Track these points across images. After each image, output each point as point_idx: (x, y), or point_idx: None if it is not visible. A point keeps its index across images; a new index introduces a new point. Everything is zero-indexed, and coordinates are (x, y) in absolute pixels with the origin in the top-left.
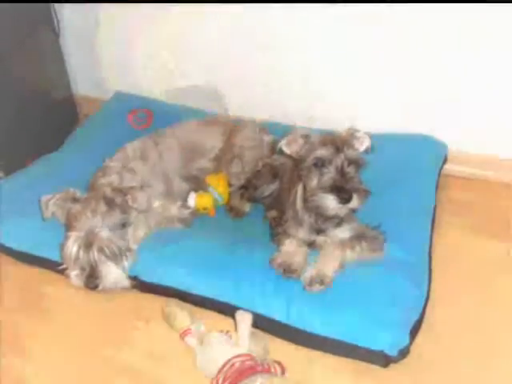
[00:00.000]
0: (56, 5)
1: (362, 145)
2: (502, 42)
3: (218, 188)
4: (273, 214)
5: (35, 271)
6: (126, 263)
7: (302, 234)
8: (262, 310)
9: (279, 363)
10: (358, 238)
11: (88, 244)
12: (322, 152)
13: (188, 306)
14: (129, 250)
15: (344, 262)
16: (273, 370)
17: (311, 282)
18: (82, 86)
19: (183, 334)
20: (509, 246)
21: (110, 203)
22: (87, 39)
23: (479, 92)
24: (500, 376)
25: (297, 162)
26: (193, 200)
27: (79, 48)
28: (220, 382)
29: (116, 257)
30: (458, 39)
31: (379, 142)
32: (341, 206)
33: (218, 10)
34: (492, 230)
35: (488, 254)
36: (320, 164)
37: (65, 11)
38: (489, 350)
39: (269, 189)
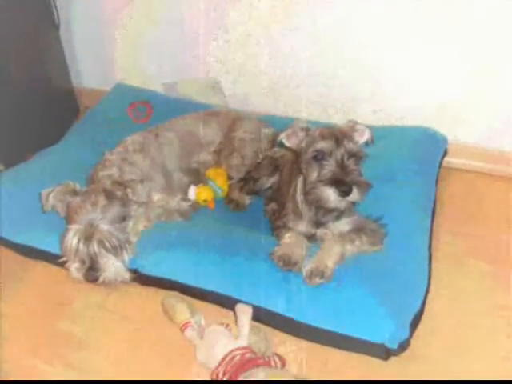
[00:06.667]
0: None
1: (362, 137)
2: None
3: (218, 181)
4: (273, 206)
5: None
6: (126, 256)
7: (302, 226)
8: (262, 303)
9: (279, 356)
10: (358, 231)
11: (88, 237)
12: (322, 145)
13: (188, 298)
14: (129, 242)
15: (344, 255)
16: (273, 363)
17: (311, 275)
18: (83, 78)
19: (183, 327)
20: (509, 239)
21: (109, 196)
22: (87, 31)
23: (481, 85)
24: (499, 371)
25: (297, 154)
26: (193, 193)
27: (79, 40)
28: (220, 374)
29: (116, 250)
30: None
31: (379, 134)
32: (341, 198)
33: None
34: (492, 223)
35: (488, 246)
36: (320, 157)
37: (64, 2)
38: (488, 346)
39: (269, 181)
